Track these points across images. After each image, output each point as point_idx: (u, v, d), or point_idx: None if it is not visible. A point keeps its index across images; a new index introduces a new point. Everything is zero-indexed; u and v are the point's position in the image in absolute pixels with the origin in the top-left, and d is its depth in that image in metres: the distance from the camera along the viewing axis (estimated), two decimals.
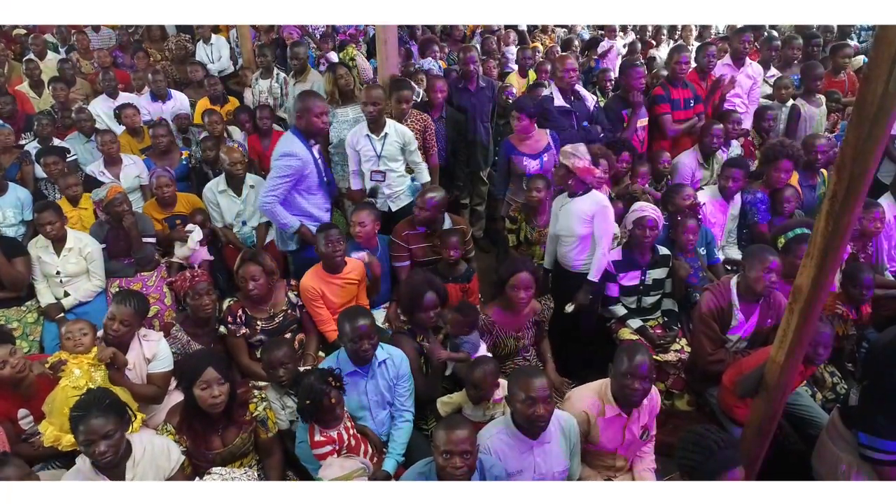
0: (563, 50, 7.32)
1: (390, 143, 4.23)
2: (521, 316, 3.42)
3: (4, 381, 2.82)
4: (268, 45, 7.00)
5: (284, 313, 3.49)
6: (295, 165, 3.69)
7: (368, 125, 4.25)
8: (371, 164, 4.29)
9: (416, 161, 4.41)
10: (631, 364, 2.61)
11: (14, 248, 3.89)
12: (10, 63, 6.89)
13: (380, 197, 4.37)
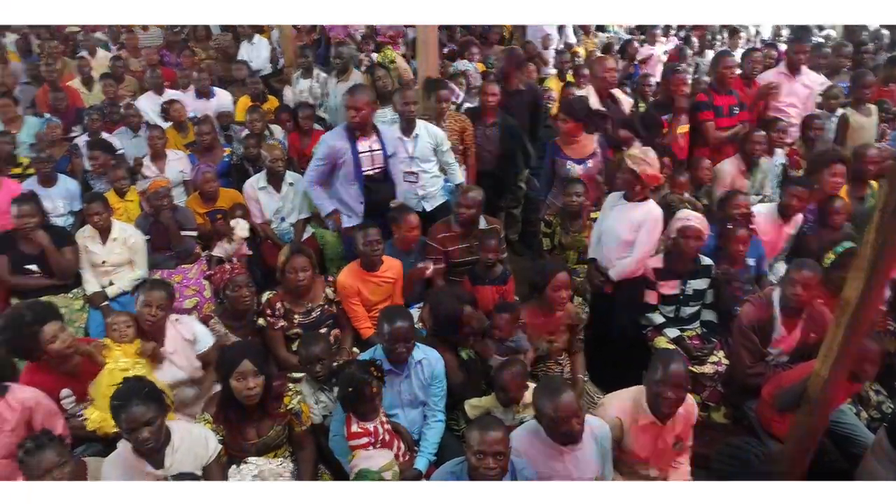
0: (603, 54, 7.24)
1: (422, 143, 4.25)
2: (555, 318, 3.40)
3: (51, 358, 2.91)
4: (309, 45, 7.12)
5: (321, 308, 3.53)
6: (325, 151, 3.99)
7: (401, 126, 4.27)
8: (404, 165, 4.30)
9: (449, 161, 4.41)
10: (665, 372, 2.57)
11: (63, 238, 4.00)
12: (63, 60, 7.11)
13: (413, 198, 4.37)
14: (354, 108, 3.85)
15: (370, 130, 4.02)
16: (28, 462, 2.27)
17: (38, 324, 2.84)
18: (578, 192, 3.99)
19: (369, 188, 4.04)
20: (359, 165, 3.95)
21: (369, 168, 4.02)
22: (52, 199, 4.52)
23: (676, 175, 4.46)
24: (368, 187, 4.03)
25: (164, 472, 2.45)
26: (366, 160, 4.00)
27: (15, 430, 2.66)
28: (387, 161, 4.06)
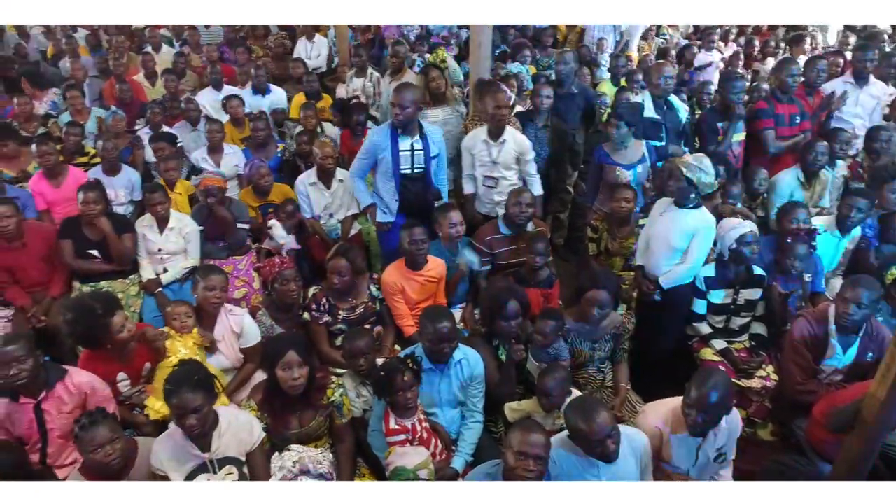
0: (659, 58, 7.11)
1: (507, 150, 4.21)
2: (598, 327, 3.36)
3: (114, 345, 3.04)
4: (363, 44, 7.22)
5: (365, 305, 3.58)
6: (367, 146, 4.07)
7: (489, 130, 4.24)
8: (485, 169, 4.29)
9: (531, 173, 4.35)
10: (698, 393, 2.49)
11: (123, 225, 4.16)
12: (130, 55, 7.42)
13: (488, 203, 4.36)
14: (399, 106, 3.87)
15: (414, 129, 4.01)
16: (82, 437, 2.38)
17: (108, 315, 2.97)
18: (627, 197, 3.94)
19: (406, 186, 4.05)
20: (397, 163, 3.97)
21: (408, 167, 4.02)
22: (114, 187, 4.71)
23: (730, 184, 4.35)
24: (405, 185, 4.05)
25: (209, 455, 2.53)
26: (405, 158, 4.00)
27: (72, 412, 2.79)
28: (428, 161, 4.05)
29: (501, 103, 4.15)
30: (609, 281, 3.23)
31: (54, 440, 2.82)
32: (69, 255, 4.02)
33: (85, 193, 3.94)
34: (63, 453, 2.87)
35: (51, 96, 6.36)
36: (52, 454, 2.83)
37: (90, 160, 5.09)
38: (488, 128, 4.26)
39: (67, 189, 4.46)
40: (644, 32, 8.35)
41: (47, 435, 2.80)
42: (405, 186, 4.04)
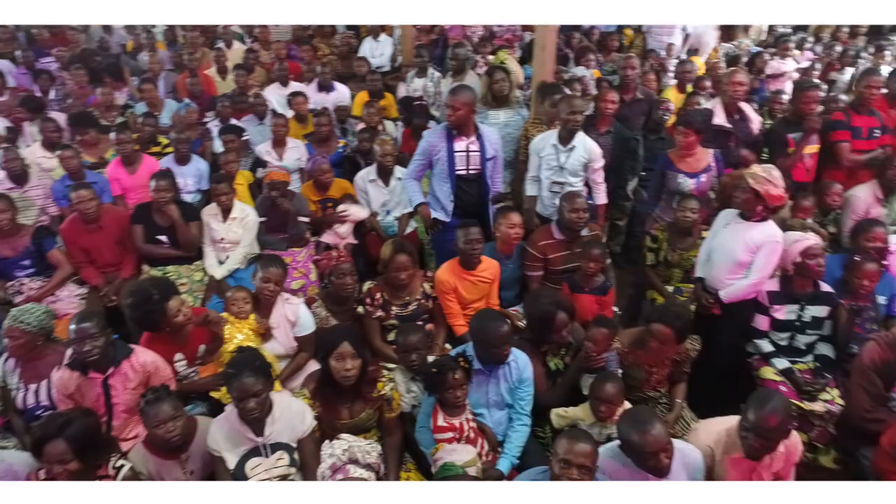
0: (730, 66, 6.90)
1: (576, 156, 4.16)
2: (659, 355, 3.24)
3: (171, 328, 3.16)
4: (426, 45, 7.29)
5: (418, 302, 3.61)
6: (423, 147, 4.07)
7: (560, 135, 4.20)
8: (551, 173, 4.25)
9: (597, 181, 4.28)
10: (756, 417, 2.40)
11: (190, 213, 4.32)
12: (203, 50, 7.71)
13: (550, 206, 4.33)
14: (452, 108, 3.86)
15: (470, 131, 4.00)
16: (147, 411, 2.50)
17: (165, 300, 3.10)
18: (693, 208, 3.82)
19: (461, 187, 4.05)
20: (453, 164, 3.97)
21: (463, 168, 4.01)
22: (184, 176, 4.91)
23: (800, 198, 4.17)
24: (461, 186, 4.04)
25: (262, 439, 2.61)
26: (460, 160, 4.00)
27: (136, 388, 2.93)
28: (483, 163, 4.03)
29: (575, 109, 4.09)
30: (678, 319, 3.06)
31: (119, 414, 2.96)
32: (140, 239, 4.22)
33: (157, 182, 4.12)
34: (126, 427, 3.00)
35: (129, 88, 6.70)
36: (116, 427, 2.97)
37: (163, 149, 5.32)
38: (559, 132, 4.21)
39: (141, 176, 4.68)
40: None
41: (112, 409, 2.95)
42: (460, 188, 4.04)
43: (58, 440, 2.32)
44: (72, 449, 2.33)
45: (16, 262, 3.94)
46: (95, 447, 2.43)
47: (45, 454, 2.35)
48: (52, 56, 7.39)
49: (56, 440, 2.33)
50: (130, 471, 2.53)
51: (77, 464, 2.35)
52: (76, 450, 2.34)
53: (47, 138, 5.16)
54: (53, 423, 2.39)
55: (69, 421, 2.37)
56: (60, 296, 3.98)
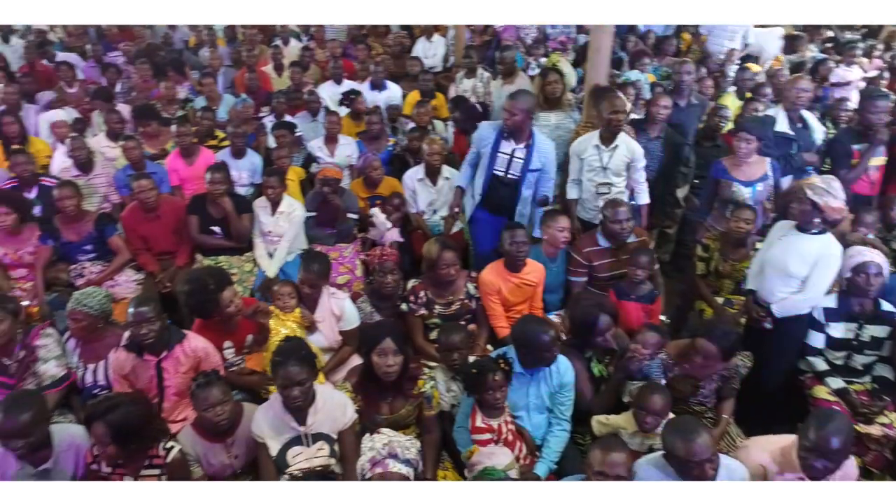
0: (794, 72, 6.67)
1: (619, 156, 4.12)
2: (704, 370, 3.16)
3: (222, 317, 3.26)
4: (478, 46, 7.29)
5: (461, 302, 3.62)
6: (475, 137, 4.13)
7: (601, 135, 4.17)
8: (594, 174, 4.22)
9: (640, 181, 4.23)
10: (818, 436, 2.31)
11: (243, 205, 4.44)
12: (261, 47, 7.92)
13: (592, 209, 4.30)
14: (510, 112, 3.84)
15: (522, 137, 3.96)
16: (198, 395, 2.59)
17: (220, 290, 3.19)
18: (747, 218, 3.71)
19: (495, 187, 4.03)
20: (492, 163, 3.96)
21: (502, 170, 3.99)
22: (239, 169, 5.05)
23: (862, 212, 4.01)
24: (494, 185, 4.03)
25: (304, 429, 2.67)
26: (501, 161, 3.98)
27: (187, 372, 3.03)
28: (524, 172, 3.98)
29: (618, 108, 4.05)
30: (724, 337, 2.97)
31: (170, 397, 3.07)
32: (194, 229, 4.36)
33: (212, 174, 4.25)
34: (176, 410, 3.11)
35: (191, 83, 6.93)
36: (166, 409, 3.08)
37: (219, 143, 5.48)
38: (600, 132, 4.17)
39: (198, 168, 4.83)
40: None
41: (164, 391, 3.06)
42: (494, 187, 4.03)
43: (99, 422, 2.43)
44: (109, 433, 2.42)
45: (79, 246, 4.12)
46: (137, 435, 2.51)
47: (91, 432, 2.49)
48: (119, 51, 7.71)
49: (98, 422, 2.43)
50: (179, 452, 2.62)
51: (115, 448, 2.45)
52: (114, 435, 2.43)
53: (111, 129, 5.39)
54: (101, 405, 2.49)
55: (115, 406, 2.47)
56: (119, 280, 4.15)
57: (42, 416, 2.56)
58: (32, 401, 2.59)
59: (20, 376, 3.13)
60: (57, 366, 3.20)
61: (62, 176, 4.66)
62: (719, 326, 3.04)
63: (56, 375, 3.18)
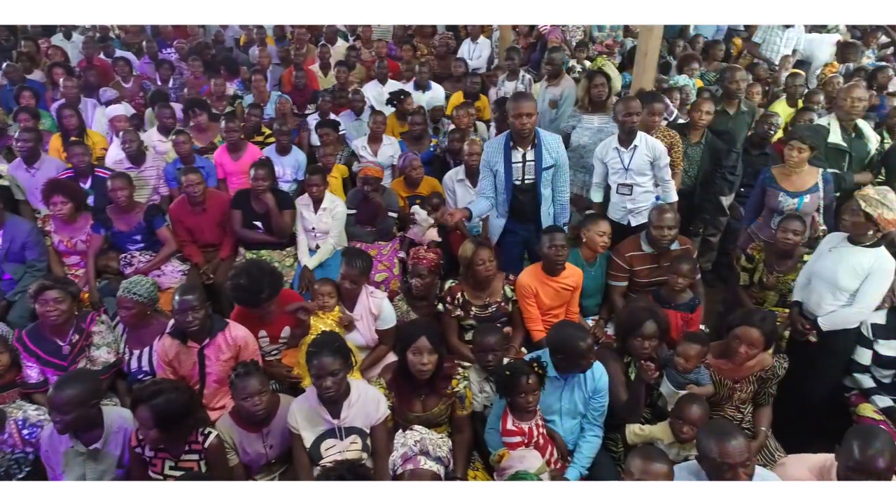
0: (848, 80, 6.44)
1: (639, 155, 4.09)
2: (743, 367, 3.11)
3: (262, 309, 3.35)
4: (524, 48, 7.26)
5: (498, 304, 3.62)
6: (483, 162, 3.98)
7: (619, 136, 4.15)
8: (618, 176, 4.19)
9: (665, 178, 4.18)
10: (864, 456, 2.22)
11: (285, 201, 4.53)
12: (309, 46, 8.06)
13: (620, 210, 4.27)
14: (527, 115, 3.69)
15: (527, 141, 3.83)
16: (237, 384, 2.65)
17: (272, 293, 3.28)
18: (796, 229, 3.58)
19: (517, 196, 3.95)
20: (510, 175, 3.87)
21: (518, 178, 3.90)
22: (283, 166, 5.16)
23: None
24: (516, 196, 3.95)
25: (338, 422, 2.71)
26: (517, 170, 3.87)
27: (227, 360, 3.11)
28: (539, 172, 3.88)
29: (631, 110, 4.02)
30: (764, 321, 2.95)
31: (210, 384, 3.16)
32: (237, 223, 4.46)
33: (256, 170, 4.34)
34: (216, 397, 3.20)
35: (240, 79, 7.10)
36: (207, 396, 3.17)
37: (265, 139, 5.60)
38: (618, 134, 4.15)
39: (244, 163, 4.95)
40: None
41: (205, 378, 3.15)
42: (516, 197, 3.98)
43: (144, 406, 2.51)
44: (153, 418, 2.50)
45: (129, 236, 4.27)
46: (178, 421, 2.59)
47: (136, 416, 2.56)
48: (173, 48, 7.95)
49: (143, 406, 2.51)
50: (217, 438, 2.69)
51: (157, 432, 2.53)
52: (157, 419, 2.51)
53: (163, 124, 5.57)
54: (147, 389, 2.57)
55: (159, 391, 2.55)
56: (165, 270, 4.28)
57: (90, 395, 2.64)
58: (84, 379, 2.70)
59: (72, 359, 3.27)
60: (108, 352, 3.34)
61: (115, 168, 4.84)
62: (756, 313, 3.02)
63: (108, 361, 3.33)
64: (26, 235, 4.03)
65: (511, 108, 3.73)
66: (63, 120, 5.33)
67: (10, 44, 8.00)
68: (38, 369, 3.23)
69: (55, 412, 2.55)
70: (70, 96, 5.87)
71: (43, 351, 3.23)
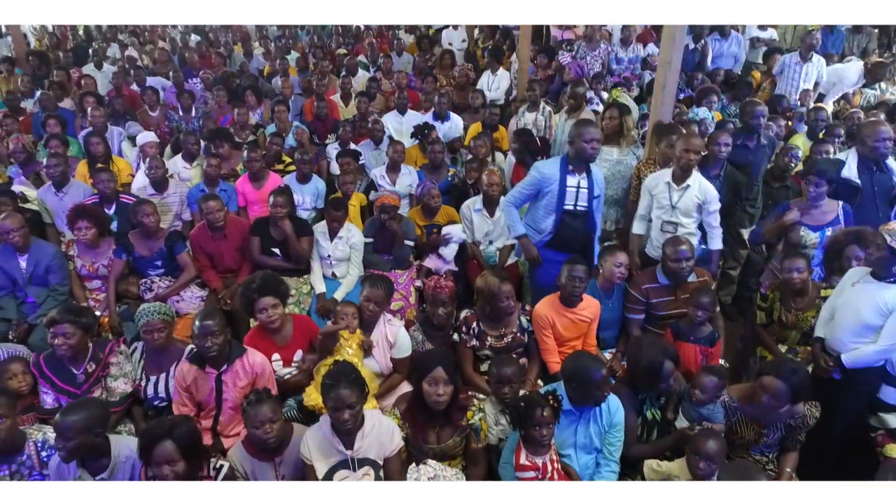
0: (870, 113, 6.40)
1: (689, 196, 4.05)
2: (770, 414, 3.01)
3: (264, 327, 3.39)
4: (542, 80, 7.33)
5: (514, 335, 3.60)
6: (535, 178, 4.02)
7: (674, 172, 4.10)
8: (663, 212, 4.16)
9: (713, 225, 4.10)
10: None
11: (303, 229, 4.56)
12: (331, 77, 8.22)
13: (659, 247, 4.18)
14: (595, 141, 3.81)
15: (583, 168, 3.94)
16: (249, 412, 2.65)
17: (259, 293, 3.33)
18: (799, 267, 3.51)
19: (566, 222, 3.99)
20: (562, 199, 3.93)
21: (571, 204, 3.96)
22: (303, 194, 5.23)
23: None
24: (565, 221, 3.99)
25: (351, 453, 2.68)
26: (570, 195, 3.94)
27: (244, 387, 3.11)
28: (591, 200, 3.97)
29: (692, 147, 3.98)
30: (794, 374, 2.85)
31: (227, 410, 3.16)
32: (256, 250, 4.51)
33: (275, 197, 4.40)
34: (231, 424, 3.20)
35: (263, 109, 7.25)
36: (222, 423, 3.17)
37: (286, 167, 5.68)
38: (673, 170, 4.11)
39: (265, 192, 5.00)
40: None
41: (221, 405, 3.15)
42: (565, 222, 4.00)
43: (166, 441, 2.46)
44: (180, 449, 2.47)
45: (150, 261, 4.32)
46: (198, 450, 2.58)
47: (155, 455, 2.47)
48: (199, 78, 8.16)
49: (164, 441, 2.46)
50: (229, 470, 2.68)
51: (184, 464, 2.49)
52: (184, 450, 2.48)
53: (188, 150, 5.68)
54: (162, 426, 2.54)
55: (175, 424, 2.53)
56: (184, 296, 4.32)
57: (96, 422, 2.60)
58: (91, 406, 2.67)
59: (87, 388, 3.28)
60: (125, 382, 3.36)
61: (139, 194, 4.94)
62: (788, 364, 2.93)
63: (125, 392, 3.34)
64: (50, 259, 4.11)
65: (581, 134, 3.83)
66: (90, 147, 5.47)
67: (43, 73, 8.27)
68: (53, 395, 3.26)
69: (60, 438, 2.54)
70: (98, 125, 6.04)
71: (58, 378, 3.26)
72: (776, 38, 8.63)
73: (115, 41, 10.57)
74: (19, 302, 4.09)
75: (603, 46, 7.51)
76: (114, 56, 9.73)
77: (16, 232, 4.00)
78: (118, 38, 10.79)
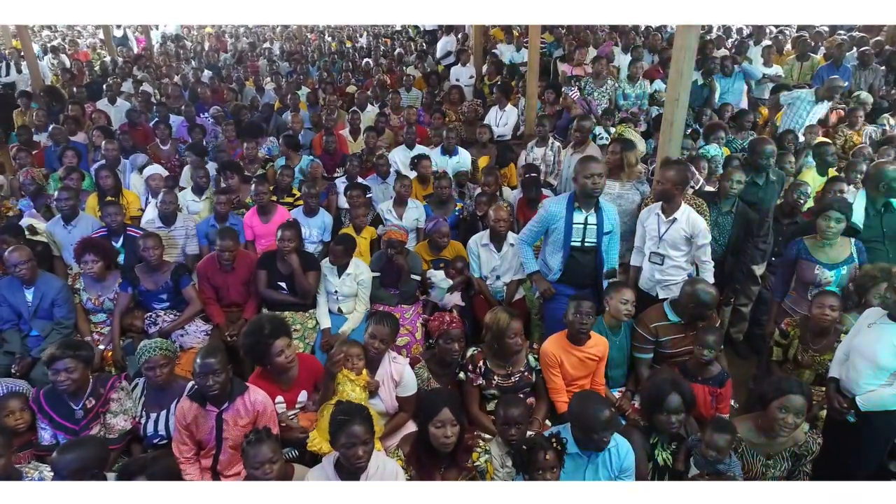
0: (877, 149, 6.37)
1: (676, 228, 4.03)
2: (777, 442, 2.98)
3: (275, 367, 3.32)
4: (551, 115, 7.38)
5: (521, 374, 3.53)
6: (542, 216, 4.02)
7: (663, 205, 4.10)
8: (652, 243, 4.16)
9: (703, 259, 4.05)
10: None
11: (310, 263, 4.54)
12: (340, 112, 8.31)
13: (649, 280, 4.21)
14: (597, 176, 3.79)
15: (591, 204, 3.92)
16: (248, 451, 2.59)
17: (273, 337, 3.26)
18: (833, 304, 3.44)
19: (575, 258, 3.95)
20: (569, 235, 3.91)
21: (578, 240, 3.92)
22: (310, 227, 5.23)
23: None
24: (574, 256, 3.95)
25: None
26: (577, 231, 3.92)
27: (245, 426, 3.05)
28: (600, 236, 3.94)
29: (662, 178, 3.98)
30: (802, 386, 2.85)
31: (226, 449, 3.09)
32: (262, 284, 4.49)
33: (283, 231, 4.40)
34: (231, 463, 3.13)
35: (269, 143, 7.32)
36: (222, 462, 3.10)
37: (294, 201, 5.70)
38: (662, 202, 4.11)
39: (274, 225, 5.01)
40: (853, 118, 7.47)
41: (222, 443, 3.08)
42: (574, 258, 3.96)
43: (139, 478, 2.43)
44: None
45: (155, 295, 4.31)
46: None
47: None
48: (209, 113, 8.28)
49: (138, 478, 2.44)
50: None
51: None
52: None
53: (197, 184, 5.72)
54: (139, 462, 2.52)
55: (153, 460, 2.50)
56: (188, 330, 4.30)
57: (94, 463, 2.58)
58: (90, 446, 2.64)
59: (85, 424, 3.24)
60: (125, 419, 3.32)
61: (147, 227, 4.96)
62: (788, 379, 2.98)
63: (124, 429, 3.30)
64: (56, 293, 4.11)
65: (582, 169, 3.80)
66: (100, 180, 5.52)
67: (57, 108, 8.42)
68: (51, 431, 3.22)
69: (56, 476, 2.51)
70: (109, 158, 6.11)
71: (57, 413, 3.22)
72: (782, 74, 8.68)
73: (130, 76, 10.77)
74: (23, 335, 4.08)
75: (610, 83, 7.58)
76: (128, 91, 9.90)
77: (23, 265, 4.01)
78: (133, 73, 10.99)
